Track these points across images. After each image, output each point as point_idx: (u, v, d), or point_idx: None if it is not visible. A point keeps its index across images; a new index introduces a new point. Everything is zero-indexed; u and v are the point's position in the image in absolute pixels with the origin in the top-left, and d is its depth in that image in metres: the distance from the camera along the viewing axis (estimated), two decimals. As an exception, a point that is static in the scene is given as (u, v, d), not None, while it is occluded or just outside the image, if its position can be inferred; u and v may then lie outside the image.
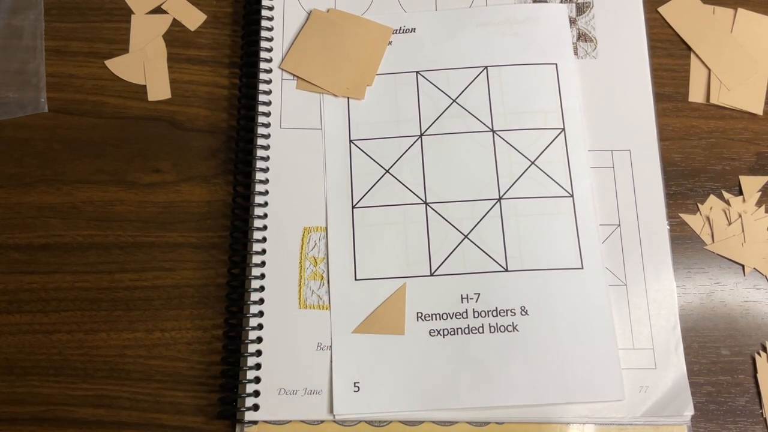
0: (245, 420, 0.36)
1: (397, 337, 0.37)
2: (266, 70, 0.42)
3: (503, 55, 0.42)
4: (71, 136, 0.42)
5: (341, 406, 0.36)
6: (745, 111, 0.42)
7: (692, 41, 0.43)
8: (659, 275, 0.39)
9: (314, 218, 0.40)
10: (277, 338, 0.37)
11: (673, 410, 0.36)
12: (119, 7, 0.44)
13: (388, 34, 0.43)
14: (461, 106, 0.41)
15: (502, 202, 0.39)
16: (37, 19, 0.44)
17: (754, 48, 0.43)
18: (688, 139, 0.42)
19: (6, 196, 0.41)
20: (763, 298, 0.39)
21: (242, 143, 0.41)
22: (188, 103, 0.43)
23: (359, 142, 0.41)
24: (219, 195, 0.41)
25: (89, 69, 0.43)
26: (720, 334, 0.39)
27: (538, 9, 0.43)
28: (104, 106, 0.43)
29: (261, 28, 0.42)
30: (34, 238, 0.40)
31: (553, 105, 0.41)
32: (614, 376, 0.36)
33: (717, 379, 0.38)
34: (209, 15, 0.45)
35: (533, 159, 0.40)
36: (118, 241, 0.40)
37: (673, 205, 0.40)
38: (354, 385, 0.37)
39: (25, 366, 0.38)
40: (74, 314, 0.39)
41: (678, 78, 0.43)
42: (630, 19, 0.43)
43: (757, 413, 0.37)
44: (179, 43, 0.44)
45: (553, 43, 0.42)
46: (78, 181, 0.41)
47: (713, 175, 0.41)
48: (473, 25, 0.42)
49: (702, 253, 0.40)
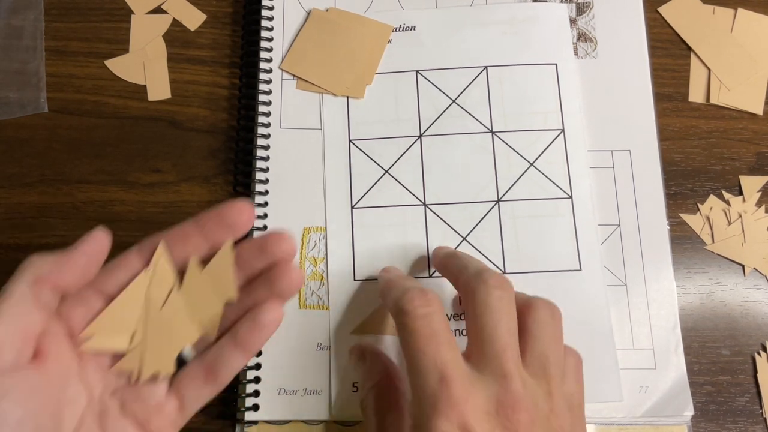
0: (245, 420, 0.36)
1: (396, 338, 0.37)
2: (266, 70, 0.42)
3: (503, 55, 0.42)
4: (71, 136, 0.42)
5: (340, 406, 0.36)
6: (745, 111, 0.42)
7: (692, 41, 0.43)
8: (659, 275, 0.39)
9: (314, 218, 0.40)
10: (277, 338, 0.37)
11: (673, 410, 0.36)
12: (119, 7, 0.45)
13: (387, 31, 0.43)
14: (461, 107, 0.41)
15: (501, 203, 0.39)
16: (37, 19, 0.44)
17: (754, 48, 0.43)
18: (688, 139, 0.42)
19: (6, 196, 0.41)
20: (763, 298, 0.39)
21: (242, 143, 0.41)
22: (188, 103, 0.43)
23: (359, 142, 0.41)
24: (219, 195, 0.41)
25: (89, 69, 0.43)
26: (720, 334, 0.39)
27: (539, 8, 0.43)
28: (104, 106, 0.43)
29: (261, 28, 0.42)
30: (34, 238, 0.40)
31: (552, 106, 0.41)
32: (613, 377, 0.36)
33: (717, 379, 0.38)
34: (209, 15, 0.45)
35: (532, 160, 0.40)
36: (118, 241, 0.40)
37: (673, 205, 0.40)
38: (353, 386, 0.37)
39: (25, 366, 0.38)
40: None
41: (678, 78, 0.43)
42: (630, 19, 0.43)
43: (757, 413, 0.37)
44: (179, 43, 0.44)
45: (553, 43, 0.42)
46: (78, 181, 0.41)
47: (713, 175, 0.41)
48: (474, 24, 0.42)
49: (702, 253, 0.40)
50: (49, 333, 0.28)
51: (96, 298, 0.29)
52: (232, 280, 0.30)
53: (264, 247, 0.30)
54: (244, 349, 0.30)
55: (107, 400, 0.29)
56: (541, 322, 0.30)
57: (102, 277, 0.30)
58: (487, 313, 0.29)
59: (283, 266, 0.30)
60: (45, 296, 0.28)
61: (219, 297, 0.30)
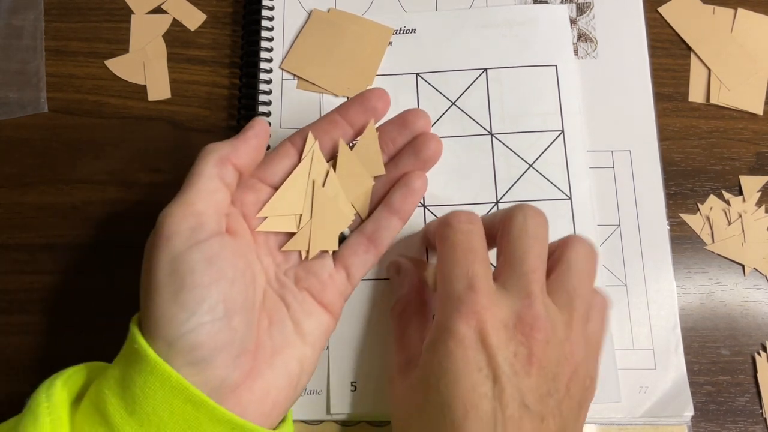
0: (245, 420, 0.36)
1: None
2: (266, 70, 0.42)
3: (503, 57, 0.42)
4: (71, 136, 0.42)
5: (338, 405, 0.36)
6: (745, 111, 0.42)
7: (692, 41, 0.43)
8: (659, 275, 0.39)
9: (314, 218, 0.40)
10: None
11: (673, 410, 0.36)
12: (119, 7, 0.45)
13: (388, 34, 0.43)
14: (460, 109, 0.41)
15: (500, 205, 0.39)
16: (37, 19, 0.44)
17: (754, 48, 0.43)
18: (688, 139, 0.42)
19: (6, 196, 0.41)
20: (763, 298, 0.39)
21: (242, 143, 0.41)
22: (188, 103, 0.43)
23: (359, 142, 0.41)
24: (219, 195, 0.41)
25: (89, 69, 0.43)
26: (720, 334, 0.39)
27: (539, 10, 0.43)
28: (104, 106, 0.43)
29: (261, 28, 0.42)
30: (34, 238, 0.40)
31: (552, 107, 0.41)
32: (611, 378, 0.36)
33: (717, 379, 0.38)
34: (209, 15, 0.45)
35: (531, 162, 0.40)
36: (118, 241, 0.40)
37: (673, 205, 0.40)
38: (351, 385, 0.37)
39: (25, 366, 0.38)
40: (74, 314, 0.39)
41: (678, 78, 0.43)
42: (630, 19, 0.43)
43: (757, 413, 0.37)
44: (179, 43, 0.44)
45: (553, 44, 0.42)
46: (78, 181, 0.41)
47: (713, 175, 0.41)
48: (474, 26, 0.42)
49: (702, 253, 0.40)
50: (230, 213, 0.32)
51: (261, 186, 0.34)
52: (379, 156, 0.35)
53: (405, 122, 0.35)
54: (400, 215, 0.35)
55: (282, 278, 0.33)
56: (578, 257, 0.31)
57: (263, 168, 0.34)
58: (522, 237, 0.30)
59: (426, 136, 0.35)
60: (227, 175, 0.31)
61: (369, 173, 0.35)
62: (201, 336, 0.27)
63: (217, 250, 0.29)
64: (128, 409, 0.27)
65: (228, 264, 0.29)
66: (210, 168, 0.31)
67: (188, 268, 0.28)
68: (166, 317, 0.27)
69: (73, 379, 0.30)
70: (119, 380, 0.28)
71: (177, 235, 0.28)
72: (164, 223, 0.29)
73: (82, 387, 0.30)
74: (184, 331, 0.27)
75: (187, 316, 0.27)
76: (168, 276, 0.28)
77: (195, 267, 0.28)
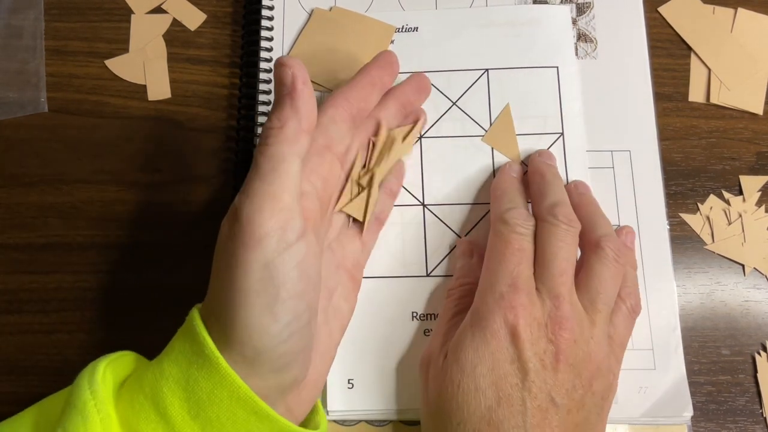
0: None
1: (392, 336, 0.37)
2: (266, 70, 0.42)
3: (504, 58, 0.42)
4: (71, 136, 0.42)
5: (335, 402, 0.36)
6: (745, 111, 0.42)
7: (692, 41, 0.43)
8: (659, 275, 0.39)
9: (314, 218, 0.40)
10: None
11: (673, 411, 0.36)
12: (119, 7, 0.45)
13: (390, 32, 0.43)
14: (461, 109, 0.41)
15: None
16: (37, 19, 0.44)
17: (754, 48, 0.43)
18: (688, 139, 0.42)
19: (6, 196, 0.41)
20: (763, 298, 0.39)
21: (242, 143, 0.41)
22: (188, 103, 0.43)
23: (359, 142, 0.41)
24: (219, 195, 0.41)
25: (89, 69, 0.43)
26: (720, 334, 0.39)
27: (541, 11, 0.42)
28: (104, 106, 0.43)
29: (261, 28, 0.42)
30: (34, 238, 0.40)
31: (552, 110, 0.41)
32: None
33: (717, 379, 0.38)
34: (209, 15, 0.45)
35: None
36: (118, 241, 0.40)
37: (673, 205, 0.40)
38: (348, 382, 0.37)
39: (25, 366, 0.38)
40: (74, 314, 0.39)
41: (678, 78, 0.43)
42: (630, 19, 0.43)
43: (757, 413, 0.37)
44: (179, 43, 0.44)
45: (554, 45, 0.42)
46: (78, 181, 0.41)
47: (713, 174, 0.41)
48: (476, 25, 0.42)
49: (702, 253, 0.40)
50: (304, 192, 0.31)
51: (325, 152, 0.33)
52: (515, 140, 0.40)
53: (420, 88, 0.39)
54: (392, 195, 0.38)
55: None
56: (602, 262, 0.33)
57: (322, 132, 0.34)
58: (552, 242, 0.33)
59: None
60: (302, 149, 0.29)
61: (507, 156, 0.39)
62: (289, 344, 0.28)
63: (304, 253, 0.28)
64: (191, 412, 0.27)
65: (313, 269, 0.29)
66: (287, 148, 0.28)
67: (282, 279, 0.27)
68: (258, 329, 0.27)
69: (115, 369, 0.29)
70: (180, 381, 0.27)
71: (268, 237, 0.26)
72: (254, 221, 0.27)
73: (125, 378, 0.29)
74: (277, 342, 0.27)
75: (280, 328, 0.27)
76: (259, 283, 0.26)
77: (288, 275, 0.27)
